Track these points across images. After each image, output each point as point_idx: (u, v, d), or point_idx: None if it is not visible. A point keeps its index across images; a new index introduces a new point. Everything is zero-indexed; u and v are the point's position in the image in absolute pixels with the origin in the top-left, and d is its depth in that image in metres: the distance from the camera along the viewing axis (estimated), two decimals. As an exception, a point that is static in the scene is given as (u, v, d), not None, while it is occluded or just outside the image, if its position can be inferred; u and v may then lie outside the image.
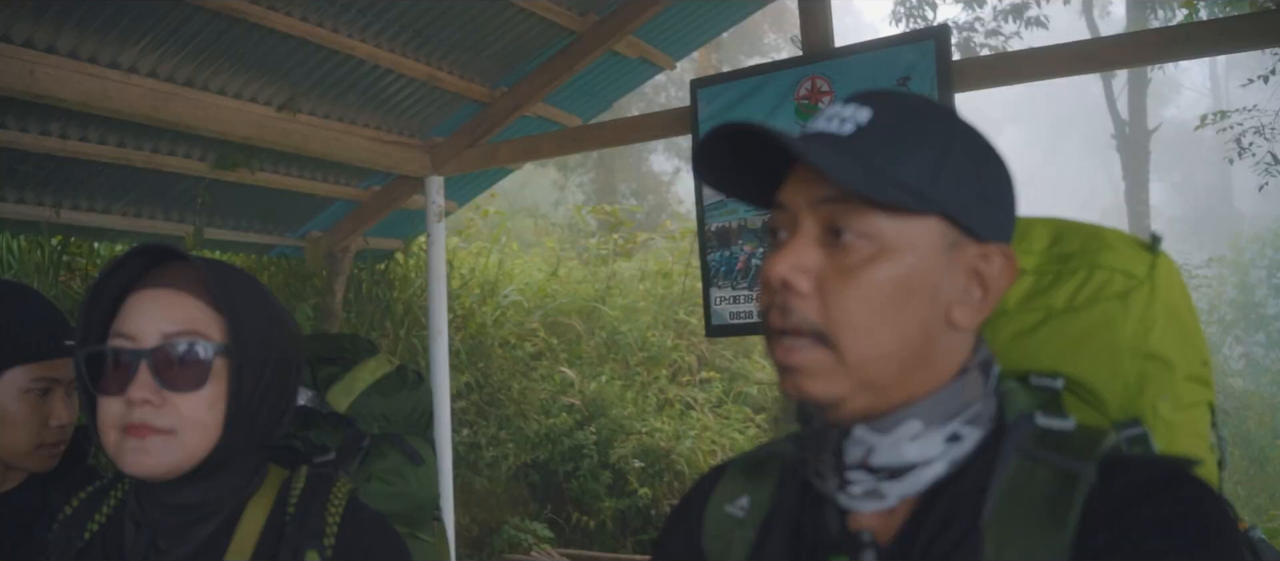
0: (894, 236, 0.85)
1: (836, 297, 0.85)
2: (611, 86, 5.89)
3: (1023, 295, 1.03)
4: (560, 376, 7.66)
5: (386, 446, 1.59)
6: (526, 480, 7.16)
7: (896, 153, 0.87)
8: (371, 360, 1.68)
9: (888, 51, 4.14)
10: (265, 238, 6.14)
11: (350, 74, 4.86)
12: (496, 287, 8.13)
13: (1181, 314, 1.02)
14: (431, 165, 5.63)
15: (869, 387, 0.86)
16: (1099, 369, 0.97)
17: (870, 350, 0.85)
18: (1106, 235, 1.04)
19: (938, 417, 0.89)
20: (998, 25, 13.17)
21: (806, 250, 0.87)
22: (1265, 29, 3.83)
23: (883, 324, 0.85)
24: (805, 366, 0.86)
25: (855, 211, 0.85)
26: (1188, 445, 1.00)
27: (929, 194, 0.86)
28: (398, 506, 1.56)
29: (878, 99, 0.91)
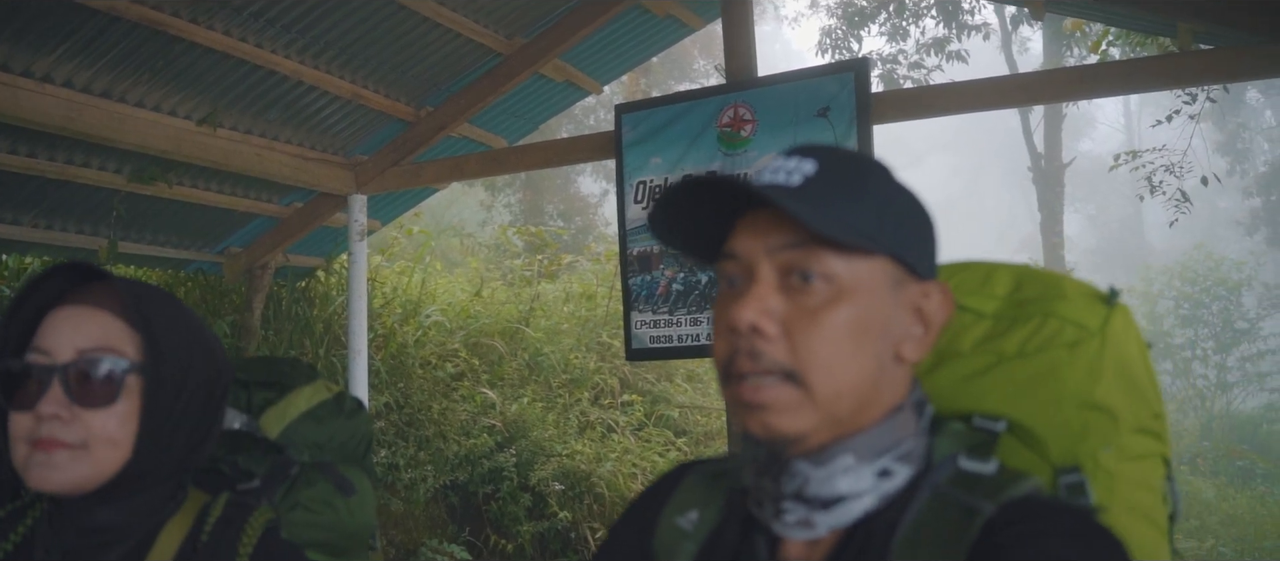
0: (850, 278, 0.91)
1: (803, 338, 0.89)
2: (538, 109, 5.91)
3: (978, 339, 1.07)
4: (481, 397, 7.62)
5: (315, 475, 1.56)
6: (445, 502, 7.10)
7: (846, 200, 0.92)
8: (309, 386, 1.65)
9: (809, 82, 4.22)
10: (183, 253, 6.03)
11: (273, 90, 4.82)
12: (419, 307, 8.07)
13: (1133, 367, 1.05)
14: (354, 183, 5.59)
15: (831, 421, 0.91)
16: (1042, 415, 1.01)
17: (837, 386, 0.90)
18: (1065, 285, 1.08)
19: (869, 453, 0.93)
20: (920, 58, 13.46)
21: (769, 295, 0.91)
22: (1168, 71, 3.99)
23: (846, 360, 0.90)
24: (775, 403, 0.90)
25: (814, 256, 0.90)
26: (1131, 495, 1.02)
27: (878, 237, 0.92)
28: (324, 536, 1.54)
29: (820, 152, 0.96)
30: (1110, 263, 36.23)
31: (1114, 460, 1.01)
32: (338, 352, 6.81)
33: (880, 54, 13.71)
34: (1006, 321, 1.07)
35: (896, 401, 0.96)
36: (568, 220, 17.29)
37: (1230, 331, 21.90)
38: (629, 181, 4.55)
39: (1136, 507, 1.02)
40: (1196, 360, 21.58)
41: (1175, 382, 21.67)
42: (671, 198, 0.96)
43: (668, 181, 4.43)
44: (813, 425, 0.90)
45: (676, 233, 1.00)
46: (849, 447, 0.93)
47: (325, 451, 1.62)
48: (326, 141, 5.47)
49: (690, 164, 4.38)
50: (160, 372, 1.20)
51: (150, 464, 1.20)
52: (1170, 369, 22.04)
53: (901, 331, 0.94)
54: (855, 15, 13.64)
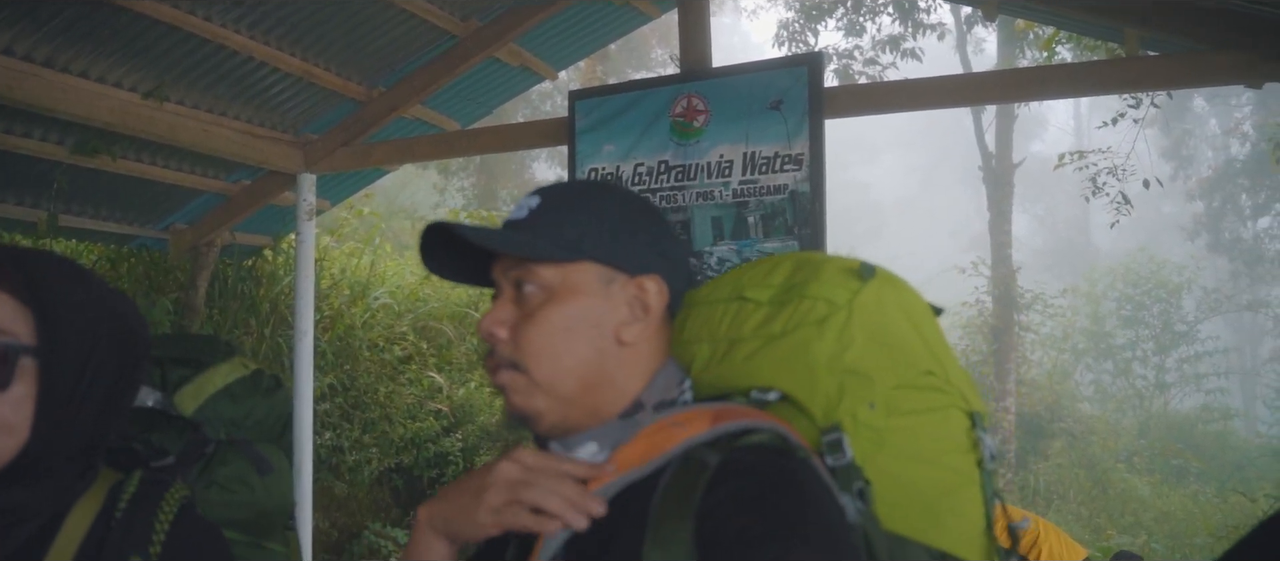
0: (558, 283, 1.14)
1: (522, 335, 1.13)
2: (492, 93, 5.88)
3: (756, 324, 1.20)
4: (428, 381, 7.58)
5: (232, 453, 1.54)
6: (389, 485, 7.06)
7: (556, 222, 1.15)
8: (226, 363, 1.63)
9: (763, 75, 4.24)
10: (126, 228, 5.93)
11: (222, 64, 4.75)
12: (367, 289, 8.01)
13: (891, 332, 1.16)
14: (303, 162, 5.53)
15: (558, 399, 1.12)
16: (801, 383, 1.14)
17: (551, 369, 1.12)
18: (824, 267, 1.21)
19: (609, 444, 1.11)
20: (876, 55, 13.55)
21: (503, 307, 1.15)
22: (1114, 75, 4.06)
23: (558, 348, 1.12)
24: (510, 386, 1.14)
25: (529, 270, 1.14)
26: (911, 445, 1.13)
27: (579, 246, 1.14)
28: (241, 514, 1.52)
29: (548, 189, 1.21)
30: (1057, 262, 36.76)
31: (881, 416, 1.12)
32: (284, 333, 6.73)
33: (836, 49, 13.78)
34: (778, 306, 1.20)
35: (637, 389, 1.15)
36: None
37: (1170, 333, 22.36)
38: (581, 168, 4.54)
39: (920, 455, 1.13)
40: (1136, 360, 22.01)
41: (1116, 382, 22.09)
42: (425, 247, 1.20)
43: (619, 169, 4.43)
44: (544, 404, 1.12)
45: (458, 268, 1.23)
46: (593, 436, 1.13)
47: (242, 429, 1.61)
48: (276, 119, 5.40)
49: (642, 152, 4.38)
50: (57, 353, 1.15)
51: (51, 447, 1.16)
52: (1111, 369, 22.47)
53: (618, 320, 1.15)
54: (813, 9, 13.69)
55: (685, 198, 4.27)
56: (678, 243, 1.26)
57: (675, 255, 1.23)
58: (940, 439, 1.16)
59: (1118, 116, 7.29)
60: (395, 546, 6.57)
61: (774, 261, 1.28)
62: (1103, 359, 22.53)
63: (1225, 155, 27.43)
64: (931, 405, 1.16)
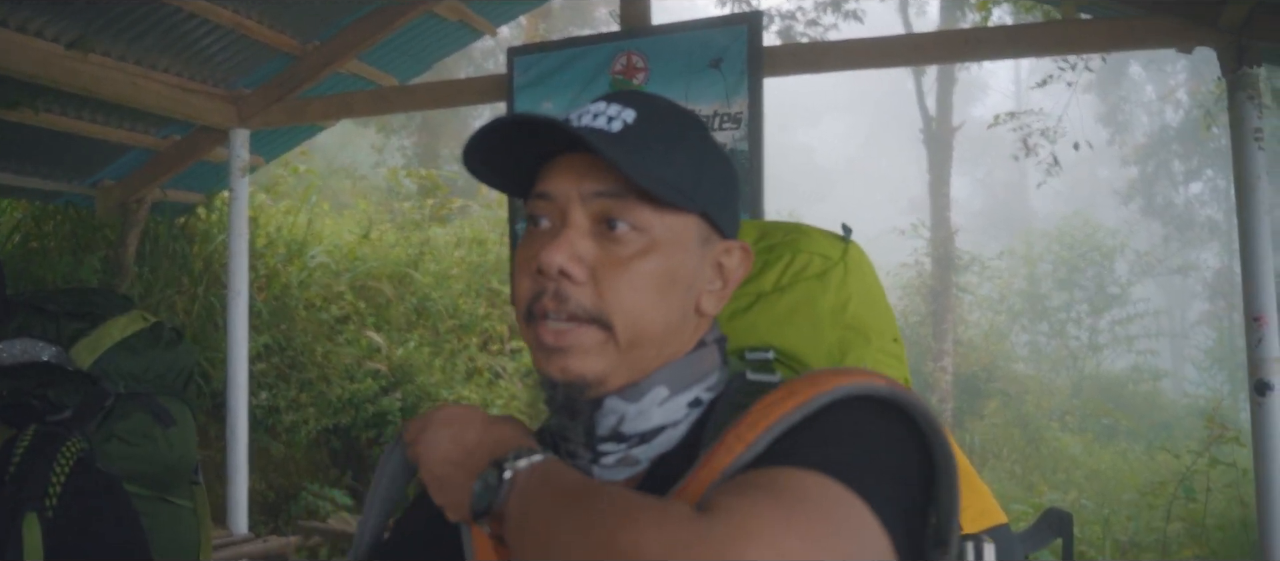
0: (662, 230, 0.92)
1: (611, 285, 0.90)
2: (430, 48, 5.79)
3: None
4: (367, 341, 7.51)
5: (132, 406, 1.51)
6: (327, 446, 7.00)
7: (663, 152, 0.92)
8: (123, 316, 1.59)
9: (702, 32, 4.23)
10: (50, 184, 5.77)
11: (150, 15, 4.61)
12: (304, 248, 7.90)
13: (874, 294, 1.16)
14: (236, 117, 5.42)
15: (630, 365, 0.93)
16: (804, 339, 1.10)
17: (639, 333, 0.91)
18: (805, 227, 1.18)
19: (681, 384, 0.96)
20: (817, 16, 13.57)
21: (580, 241, 0.91)
22: (1050, 38, 4.10)
23: (650, 309, 0.91)
24: (577, 345, 0.90)
25: (628, 206, 0.91)
26: None
27: (692, 193, 0.93)
28: (143, 468, 1.49)
29: (639, 101, 0.96)
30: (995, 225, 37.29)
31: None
32: (217, 292, 6.62)
33: (779, 10, 13.79)
34: (759, 264, 1.15)
35: (696, 340, 0.98)
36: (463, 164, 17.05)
37: (1103, 295, 22.82)
38: (519, 126, 4.49)
39: None
40: (1071, 322, 22.45)
41: (1051, 342, 22.53)
42: (490, 132, 0.95)
43: (558, 127, 4.39)
44: (611, 369, 0.92)
45: (491, 167, 1.00)
46: (661, 379, 0.95)
47: (143, 382, 1.57)
48: (207, 72, 5.28)
49: (581, 110, 4.34)
50: None
51: None
52: (1047, 330, 22.90)
53: (703, 285, 0.97)
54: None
55: (624, 156, 4.25)
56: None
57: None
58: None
59: (1047, 79, 7.39)
60: (333, 507, 6.52)
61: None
62: (1038, 320, 22.95)
63: (1160, 121, 27.96)
64: (892, 373, 1.14)
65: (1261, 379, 3.45)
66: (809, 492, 0.73)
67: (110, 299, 1.62)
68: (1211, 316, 25.65)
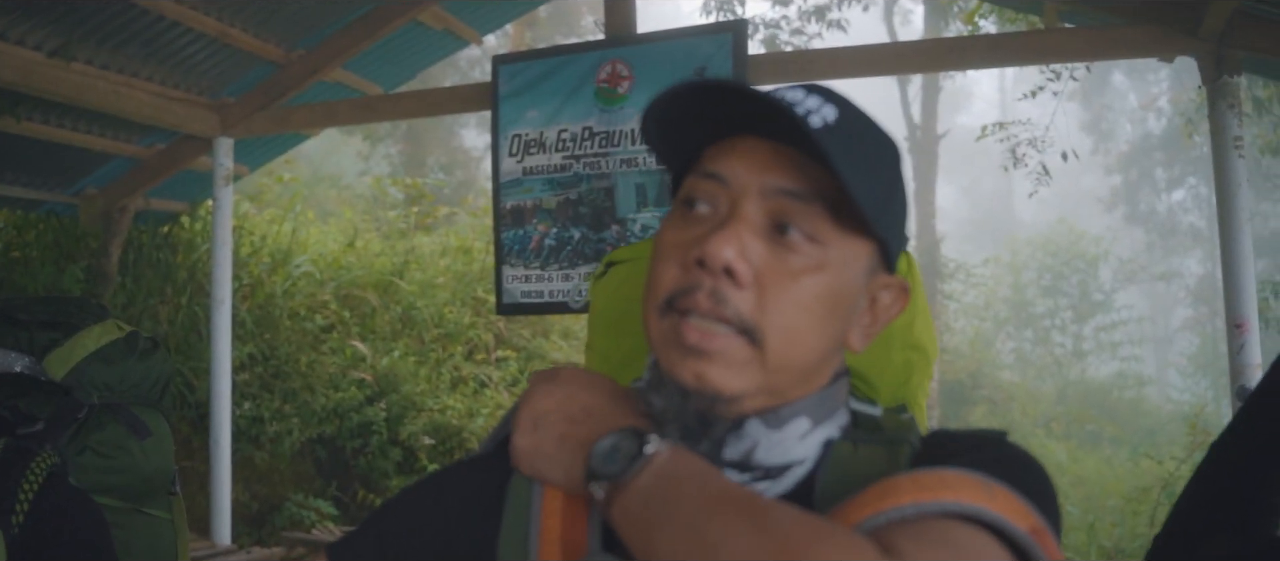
0: (838, 249, 0.81)
1: (775, 297, 0.79)
2: (415, 57, 5.79)
3: None
4: (351, 350, 7.48)
5: (107, 417, 1.49)
6: (312, 456, 6.97)
7: (866, 165, 0.82)
8: (98, 326, 1.57)
9: (688, 41, 4.23)
10: (33, 193, 5.74)
11: (133, 23, 4.60)
12: (289, 257, 7.87)
13: (925, 306, 1.10)
14: (220, 126, 5.40)
15: (771, 390, 0.82)
16: (874, 359, 1.02)
17: (792, 357, 0.81)
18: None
19: (821, 417, 0.86)
20: (802, 25, 13.59)
21: (752, 240, 0.80)
22: (1033, 47, 4.12)
23: (809, 333, 0.81)
24: (722, 354, 0.79)
25: (813, 214, 0.80)
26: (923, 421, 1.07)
27: (880, 216, 0.82)
28: (119, 480, 1.47)
29: (841, 101, 0.86)
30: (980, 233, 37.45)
31: (922, 394, 1.07)
32: (201, 301, 6.59)
33: (764, 19, 13.80)
34: None
35: (832, 372, 0.88)
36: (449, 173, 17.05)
37: (1087, 302, 22.94)
38: (504, 134, 4.49)
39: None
40: (1055, 329, 22.55)
41: (1036, 349, 22.62)
42: (690, 94, 0.82)
43: (543, 135, 4.39)
44: (751, 388, 0.80)
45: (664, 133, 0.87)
46: (804, 409, 0.84)
47: (118, 393, 1.55)
48: (191, 81, 5.26)
49: (566, 118, 4.35)
50: None
51: None
52: (1031, 337, 22.99)
53: (857, 318, 0.86)
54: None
55: (609, 164, 4.25)
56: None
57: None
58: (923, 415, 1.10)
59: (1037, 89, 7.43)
60: (318, 517, 6.49)
61: None
62: (1023, 327, 23.05)
63: (1143, 129, 28.13)
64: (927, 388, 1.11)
65: (1243, 384, 3.47)
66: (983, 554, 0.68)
67: (84, 308, 1.60)
68: (1195, 322, 25.79)
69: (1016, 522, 0.69)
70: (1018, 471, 0.77)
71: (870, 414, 0.90)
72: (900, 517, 0.69)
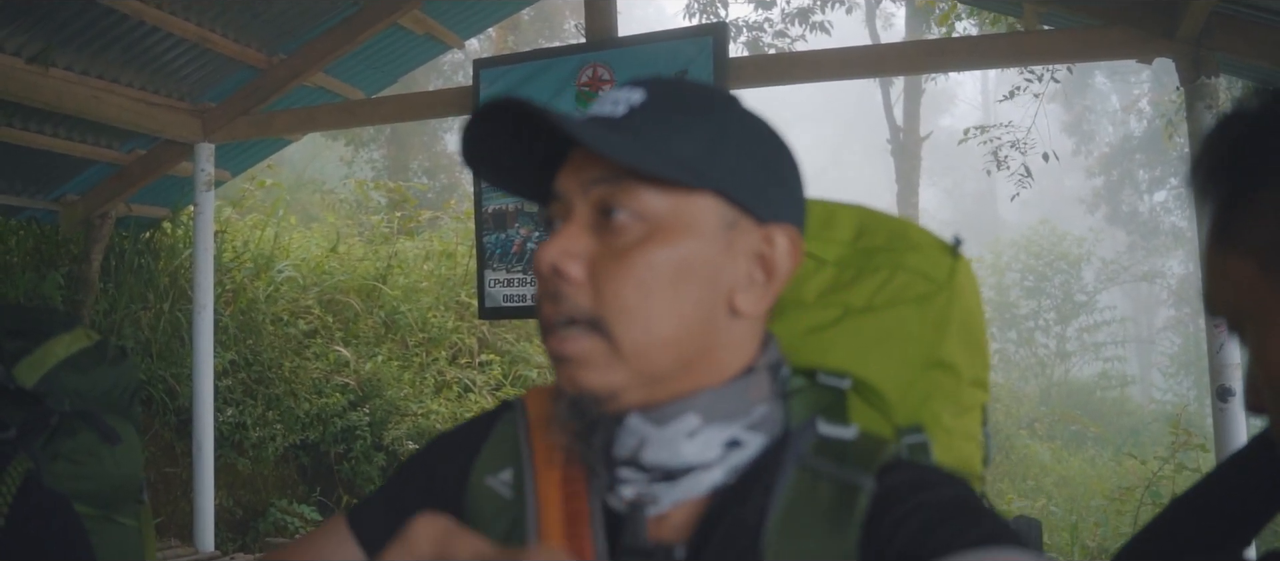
0: (668, 215, 0.80)
1: (608, 282, 0.79)
2: (396, 61, 5.77)
3: (822, 288, 1.00)
4: (335, 355, 7.45)
5: (78, 424, 1.48)
6: (295, 462, 6.94)
7: (670, 130, 0.81)
8: (68, 334, 1.56)
9: (668, 44, 4.25)
10: (12, 199, 5.70)
11: (112, 28, 4.58)
12: (271, 262, 7.84)
13: (973, 321, 1.01)
14: (201, 131, 5.38)
15: (647, 379, 0.80)
16: (889, 373, 0.94)
17: (646, 337, 0.79)
18: (912, 233, 1.02)
19: (718, 415, 0.82)
20: (784, 28, 13.63)
21: (578, 235, 0.81)
22: (1012, 49, 4.14)
23: (658, 308, 0.79)
24: (580, 356, 0.80)
25: (627, 190, 0.79)
26: (961, 448, 1.00)
27: (702, 169, 0.81)
28: (89, 486, 1.47)
29: (653, 82, 0.86)
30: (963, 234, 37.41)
31: (951, 416, 0.98)
32: (183, 307, 6.56)
33: (746, 21, 13.83)
34: (853, 270, 1.00)
35: (744, 361, 0.84)
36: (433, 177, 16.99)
37: (1070, 303, 23.05)
38: (486, 138, 4.49)
39: (963, 459, 0.99)
40: (1039, 330, 22.65)
41: (1019, 350, 22.71)
42: (477, 124, 0.84)
43: (525, 139, 4.39)
44: (622, 382, 0.79)
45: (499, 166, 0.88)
46: (693, 406, 0.81)
47: (88, 400, 1.55)
48: (172, 86, 5.23)
49: (549, 123, 4.35)
50: None
51: None
52: (1015, 338, 23.08)
53: (735, 279, 0.82)
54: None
55: (592, 168, 4.26)
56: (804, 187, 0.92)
57: (803, 203, 0.91)
58: (973, 439, 1.03)
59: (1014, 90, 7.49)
60: (302, 523, 6.47)
61: (825, 208, 1.06)
62: (1007, 328, 23.13)
63: (1124, 131, 28.28)
64: (976, 401, 1.03)
65: (1223, 384, 3.49)
66: None
67: (53, 316, 1.60)
68: (1177, 323, 25.96)
69: None
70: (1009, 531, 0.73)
71: (839, 438, 0.84)
72: None
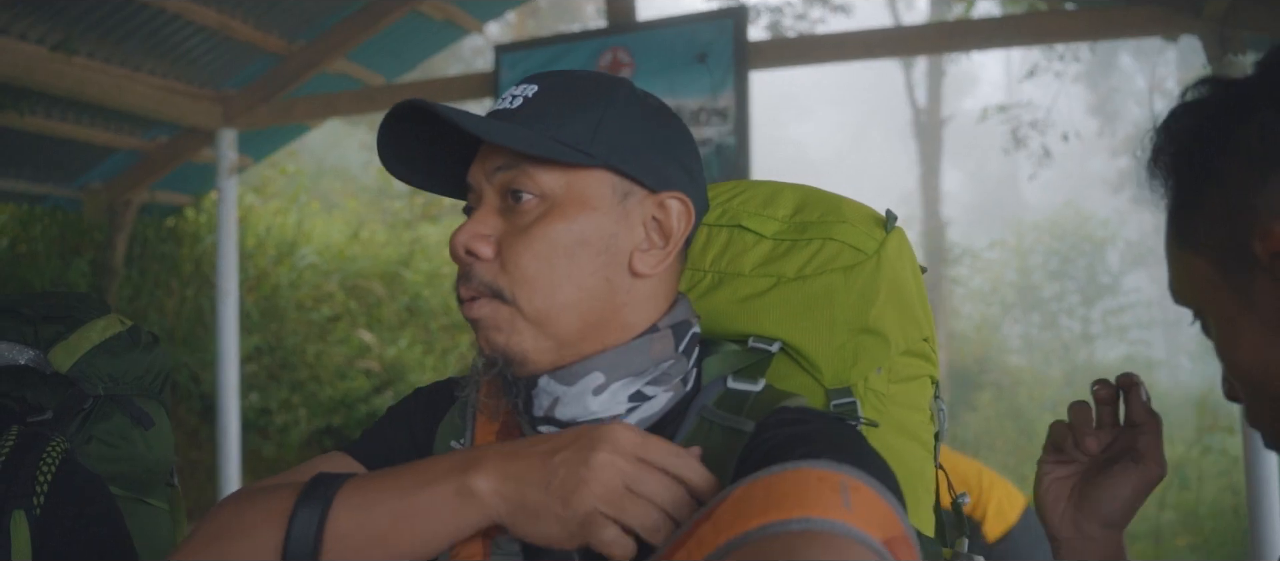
0: (563, 192, 0.90)
1: (512, 255, 0.89)
2: (416, 47, 5.78)
3: (759, 260, 1.07)
4: (358, 340, 7.49)
5: (111, 408, 1.51)
6: (319, 446, 6.99)
7: (559, 116, 0.90)
8: (101, 320, 1.59)
9: (688, 27, 4.23)
10: (37, 187, 5.75)
11: (134, 17, 4.59)
12: (294, 248, 7.88)
13: (906, 290, 1.06)
14: (223, 118, 5.40)
15: (553, 340, 0.90)
16: (817, 338, 1.01)
17: (547, 302, 0.89)
18: (845, 208, 1.08)
19: (622, 372, 0.91)
20: (805, 10, 13.55)
21: (486, 219, 0.91)
22: (1035, 28, 4.10)
23: (557, 276, 0.89)
24: (490, 318, 0.90)
25: (525, 173, 0.89)
26: (901, 416, 1.05)
27: (590, 148, 0.90)
28: (123, 469, 1.49)
29: (547, 76, 0.95)
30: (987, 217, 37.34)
31: (884, 382, 1.03)
32: (207, 293, 6.61)
33: (766, 4, 13.76)
34: (787, 243, 1.07)
35: (649, 321, 0.94)
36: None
37: (1095, 286, 22.86)
38: (506, 123, 4.49)
39: (905, 427, 1.05)
40: (1063, 313, 22.48)
41: (1043, 334, 22.57)
42: (389, 136, 0.95)
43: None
44: (530, 344, 0.90)
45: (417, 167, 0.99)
46: (597, 365, 0.91)
47: (121, 385, 1.57)
48: (193, 74, 5.26)
49: (568, 107, 4.35)
50: None
51: None
52: (1039, 321, 22.93)
53: (633, 243, 0.93)
54: (745, -35, 13.64)
55: (611, 152, 4.25)
56: (700, 160, 1.02)
57: (699, 174, 1.00)
58: (919, 409, 1.09)
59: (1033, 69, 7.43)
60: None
61: (769, 188, 1.14)
62: (1030, 311, 22.98)
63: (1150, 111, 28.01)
64: (918, 372, 1.09)
65: (1249, 366, 3.45)
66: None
67: (87, 302, 1.62)
68: (1204, 305, 25.68)
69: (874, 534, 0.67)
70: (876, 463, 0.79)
71: (743, 391, 0.93)
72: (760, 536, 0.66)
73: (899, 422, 1.04)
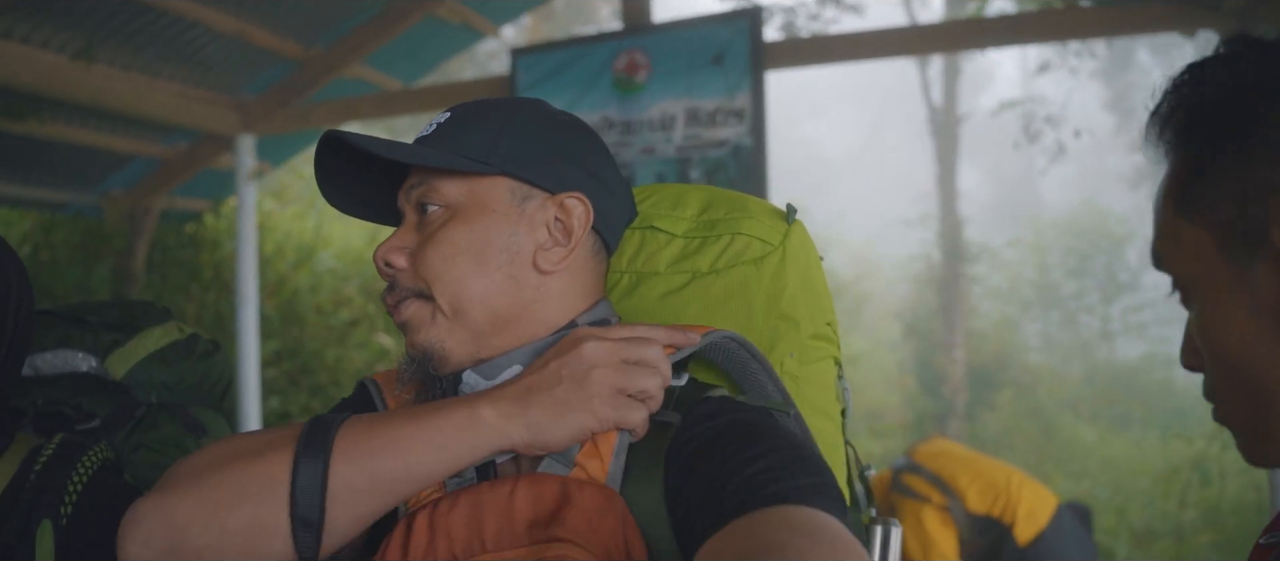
0: (465, 199, 1.00)
1: (422, 257, 0.99)
2: (433, 50, 5.80)
3: (673, 258, 1.13)
4: (377, 345, 7.52)
5: (164, 416, 1.52)
6: (340, 450, 7.01)
7: (462, 134, 1.01)
8: (159, 328, 1.59)
9: (704, 28, 4.23)
10: (58, 194, 5.79)
11: (152, 24, 4.63)
12: (313, 253, 7.91)
13: (810, 278, 1.13)
14: (242, 124, 5.43)
15: (468, 332, 0.99)
16: (736, 326, 1.07)
17: (459, 297, 0.97)
18: (750, 204, 1.15)
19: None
20: (819, 10, 13.51)
21: (403, 234, 1.02)
22: (1050, 25, 4.09)
23: (465, 273, 0.98)
24: (412, 320, 1.00)
25: (432, 187, 1.01)
26: (813, 396, 1.12)
27: (488, 158, 1.00)
28: None
29: (460, 105, 1.07)
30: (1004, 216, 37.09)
31: (797, 365, 1.10)
32: (227, 299, 6.64)
33: (780, 5, 13.73)
34: (698, 240, 1.13)
35: (566, 316, 1.02)
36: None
37: (1114, 283, 22.72)
38: (523, 126, 4.51)
39: (816, 405, 1.11)
40: (1082, 311, 22.36)
41: (1062, 332, 22.45)
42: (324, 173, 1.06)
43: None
44: (451, 339, 0.98)
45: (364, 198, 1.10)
46: (516, 358, 0.99)
47: (176, 393, 1.58)
48: (212, 80, 5.29)
49: (585, 108, 4.35)
50: None
51: None
52: (1058, 319, 22.80)
53: (536, 243, 1.01)
54: (758, -35, 13.62)
55: (628, 153, 4.26)
56: (614, 166, 1.11)
57: (610, 178, 1.09)
58: (827, 388, 1.15)
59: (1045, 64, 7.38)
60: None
61: (676, 190, 1.20)
62: (1049, 309, 22.86)
63: (1168, 107, 27.80)
64: (824, 354, 1.15)
65: (1271, 362, 3.43)
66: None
67: (149, 311, 1.63)
68: (1224, 302, 25.50)
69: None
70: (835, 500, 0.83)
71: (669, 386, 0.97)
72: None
73: (813, 403, 1.11)
